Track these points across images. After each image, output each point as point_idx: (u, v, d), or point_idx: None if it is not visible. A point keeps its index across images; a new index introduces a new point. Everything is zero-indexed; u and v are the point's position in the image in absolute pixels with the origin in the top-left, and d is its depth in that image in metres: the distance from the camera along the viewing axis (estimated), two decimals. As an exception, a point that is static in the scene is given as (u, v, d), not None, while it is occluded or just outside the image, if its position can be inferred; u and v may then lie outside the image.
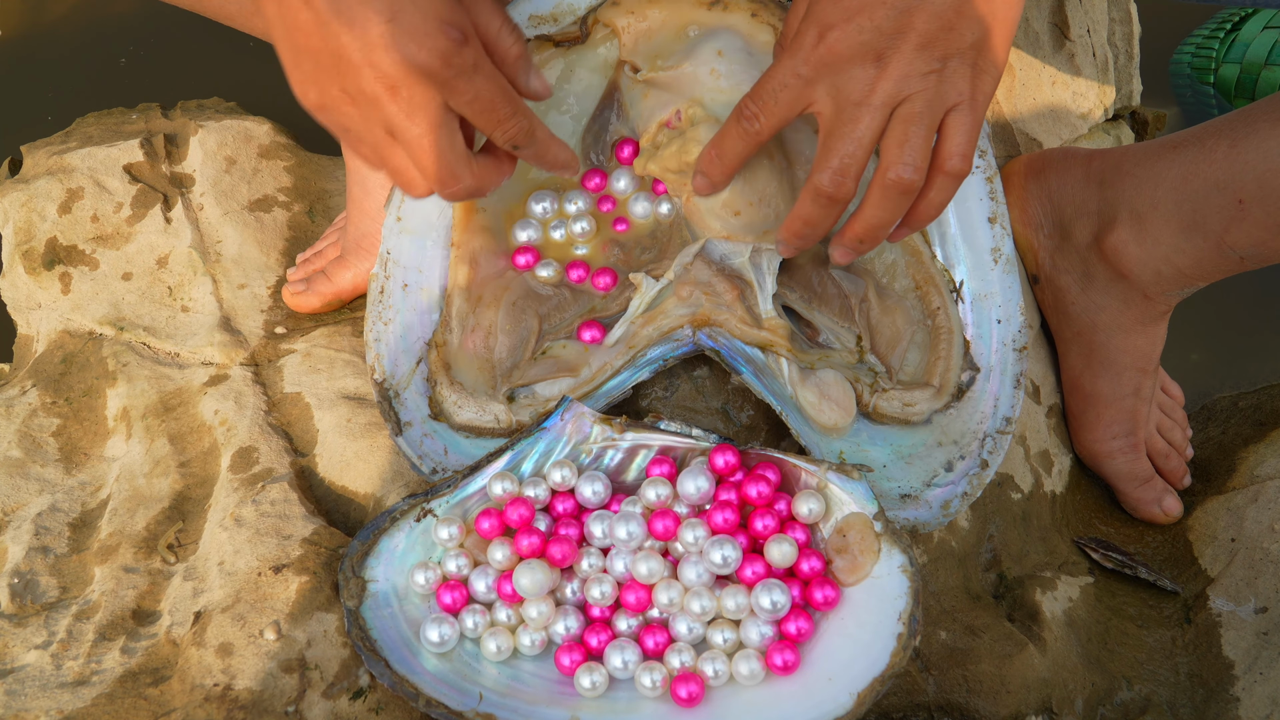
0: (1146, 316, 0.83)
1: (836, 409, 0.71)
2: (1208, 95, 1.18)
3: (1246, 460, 0.89)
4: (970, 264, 0.75)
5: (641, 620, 0.65)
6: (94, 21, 1.22)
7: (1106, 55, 0.97)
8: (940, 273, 0.75)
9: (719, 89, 0.72)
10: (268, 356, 0.83)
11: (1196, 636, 0.79)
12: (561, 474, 0.67)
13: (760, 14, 0.73)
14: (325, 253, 0.87)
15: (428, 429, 0.71)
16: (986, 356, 0.74)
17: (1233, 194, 0.74)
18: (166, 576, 0.71)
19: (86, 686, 0.65)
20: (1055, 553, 0.82)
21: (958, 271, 0.75)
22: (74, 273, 0.87)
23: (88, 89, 1.17)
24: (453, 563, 0.66)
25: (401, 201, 0.74)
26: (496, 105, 0.60)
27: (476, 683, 0.63)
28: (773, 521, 0.65)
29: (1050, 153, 0.86)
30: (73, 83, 1.18)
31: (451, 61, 0.57)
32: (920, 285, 0.75)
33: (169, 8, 0.81)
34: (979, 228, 0.75)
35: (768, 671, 0.63)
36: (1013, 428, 0.72)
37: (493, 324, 0.73)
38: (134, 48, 1.19)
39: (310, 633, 0.65)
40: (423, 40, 0.56)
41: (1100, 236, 0.82)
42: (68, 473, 0.79)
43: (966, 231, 0.76)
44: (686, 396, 0.74)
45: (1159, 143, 0.80)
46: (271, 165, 0.95)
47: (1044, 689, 0.72)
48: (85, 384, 0.83)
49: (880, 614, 0.62)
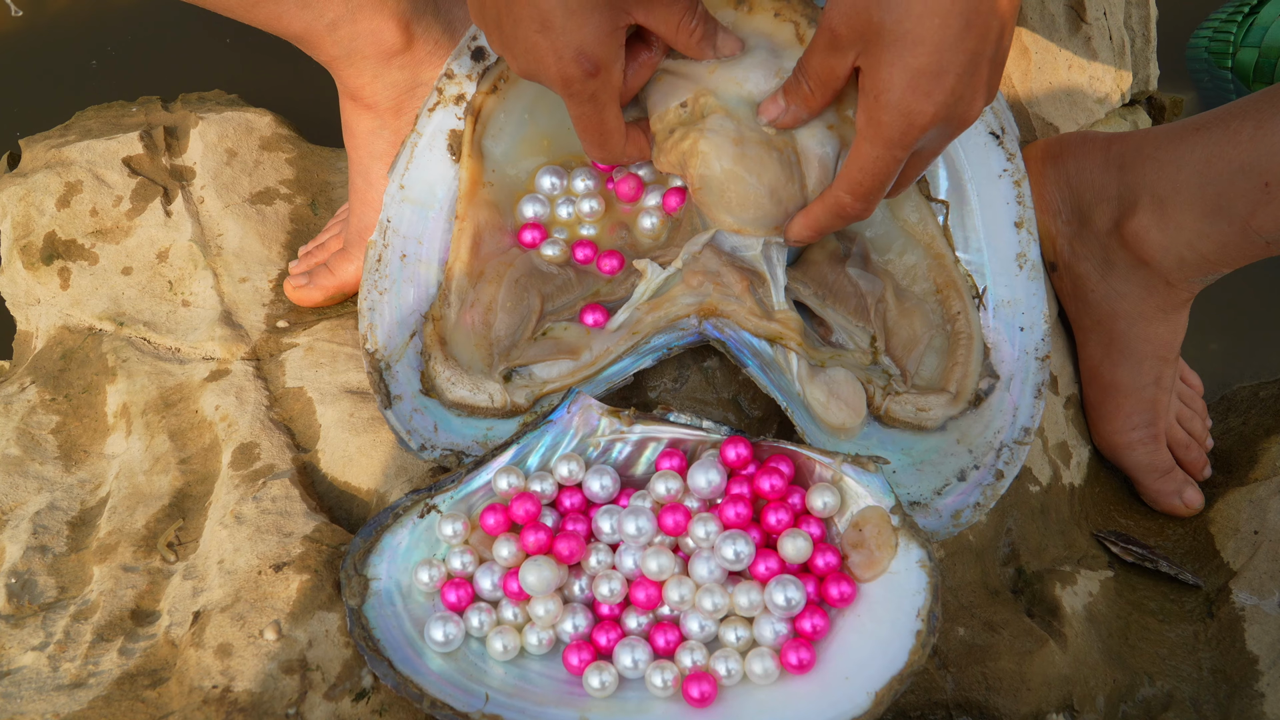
0: (1168, 304, 0.82)
1: (845, 409, 0.69)
2: (1225, 80, 1.17)
3: (1269, 451, 0.88)
4: (994, 269, 0.75)
5: (652, 618, 0.64)
6: (96, 14, 1.21)
7: (1123, 39, 0.96)
8: (963, 277, 0.74)
9: (734, 81, 0.71)
10: (269, 351, 0.82)
11: (1219, 631, 0.79)
12: (569, 468, 0.66)
13: (784, 12, 0.72)
14: (328, 245, 0.86)
15: (418, 404, 0.71)
16: (1008, 364, 0.73)
17: (1259, 177, 0.73)
18: (166, 575, 0.71)
19: (83, 689, 0.65)
20: (1074, 546, 0.81)
21: (981, 276, 0.74)
22: (73, 267, 0.86)
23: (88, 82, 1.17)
24: (457, 560, 0.65)
25: (406, 169, 0.74)
26: (589, 133, 0.67)
27: (482, 683, 0.62)
28: (786, 516, 0.64)
29: (1068, 137, 0.85)
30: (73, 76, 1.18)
31: (571, 87, 0.64)
32: (941, 289, 0.74)
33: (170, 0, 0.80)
34: (1005, 232, 0.75)
35: (782, 670, 0.62)
36: (1031, 438, 0.71)
37: (493, 300, 0.72)
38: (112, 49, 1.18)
39: (311, 633, 0.64)
40: (558, 61, 0.62)
41: (1121, 222, 0.81)
42: (67, 470, 0.78)
43: (991, 236, 0.75)
44: (697, 388, 0.73)
45: (1180, 125, 0.79)
46: (273, 157, 0.94)
47: (1065, 686, 0.71)
48: (85, 380, 0.83)
49: (898, 610, 0.61)
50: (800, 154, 0.71)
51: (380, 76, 0.77)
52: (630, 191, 0.75)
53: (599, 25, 0.62)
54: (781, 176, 0.70)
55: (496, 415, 0.71)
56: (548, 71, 0.63)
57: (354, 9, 0.74)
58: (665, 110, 0.72)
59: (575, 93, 0.64)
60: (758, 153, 0.69)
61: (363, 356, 0.72)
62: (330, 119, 0.87)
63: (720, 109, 0.70)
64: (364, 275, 0.72)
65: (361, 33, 0.75)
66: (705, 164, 0.68)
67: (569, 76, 0.63)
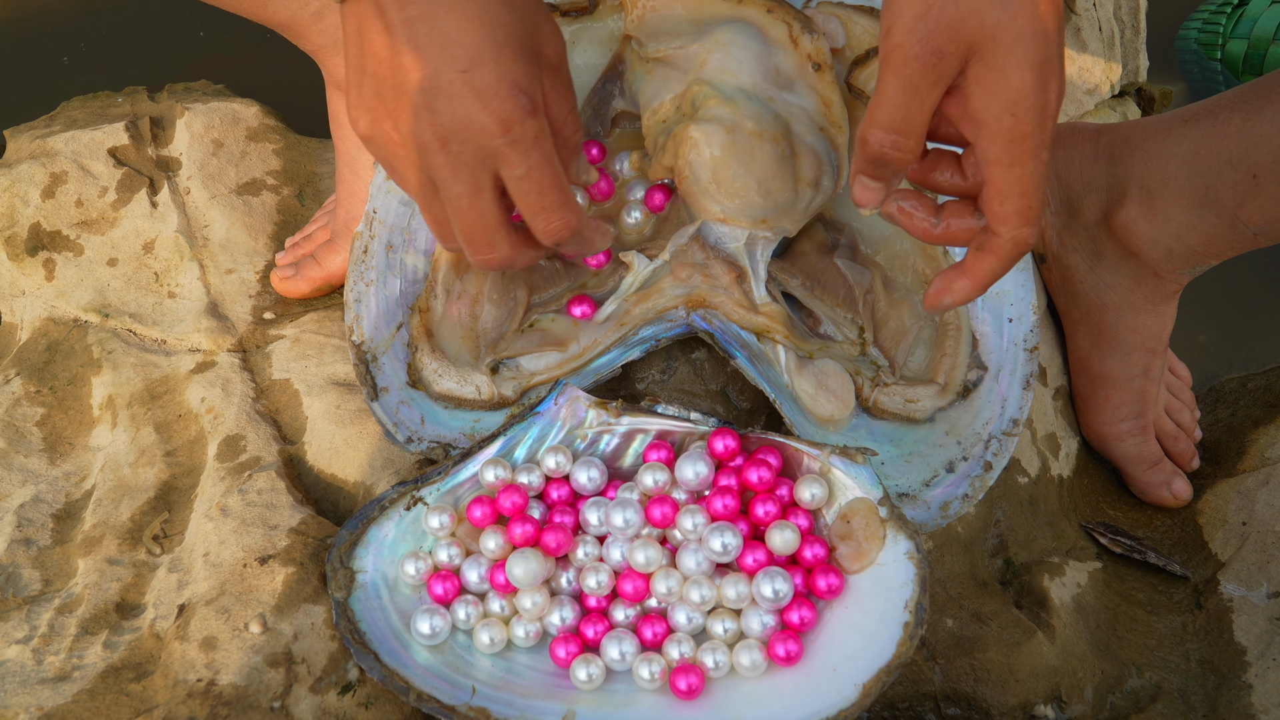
0: (1156, 295, 0.82)
1: (834, 400, 0.69)
2: (1215, 71, 1.17)
3: (1257, 442, 0.88)
4: None
5: (639, 610, 0.64)
6: (82, 3, 1.20)
7: (1113, 29, 0.96)
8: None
9: (727, 71, 0.70)
10: (256, 342, 0.82)
11: (1208, 622, 0.79)
12: (556, 460, 0.66)
13: (776, 10, 0.71)
14: (315, 236, 0.85)
15: (404, 396, 0.70)
16: (996, 356, 0.73)
17: (1247, 169, 0.73)
18: (151, 568, 0.70)
19: (68, 682, 0.64)
20: (1063, 538, 0.81)
21: None
22: (58, 259, 0.86)
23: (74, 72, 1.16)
24: (444, 552, 0.65)
25: None
26: (545, 190, 0.57)
27: (469, 676, 0.62)
28: (774, 507, 0.64)
29: (1057, 128, 0.85)
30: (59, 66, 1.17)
31: (512, 129, 0.54)
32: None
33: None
34: None
35: (770, 662, 0.62)
36: (1019, 430, 0.71)
37: (480, 292, 0.72)
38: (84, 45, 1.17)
39: (297, 625, 0.64)
40: (489, 99, 0.54)
41: (1109, 213, 0.81)
42: (52, 463, 0.78)
43: None
44: (685, 379, 0.73)
45: (1169, 116, 0.79)
46: (260, 148, 0.93)
47: (1053, 677, 0.71)
48: (70, 372, 0.82)
49: (886, 602, 0.61)
50: (795, 147, 0.71)
51: None
52: (605, 190, 0.74)
53: (527, 63, 0.55)
54: (772, 169, 0.69)
55: (484, 407, 0.70)
56: (473, 121, 0.54)
57: None
58: (659, 104, 0.71)
59: (518, 138, 0.54)
60: (749, 143, 0.68)
61: (349, 349, 0.71)
62: (318, 109, 0.86)
63: (715, 97, 0.70)
64: (350, 266, 0.72)
65: None
66: (695, 150, 0.68)
67: (508, 117, 0.54)
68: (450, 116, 0.54)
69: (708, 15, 0.72)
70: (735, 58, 0.70)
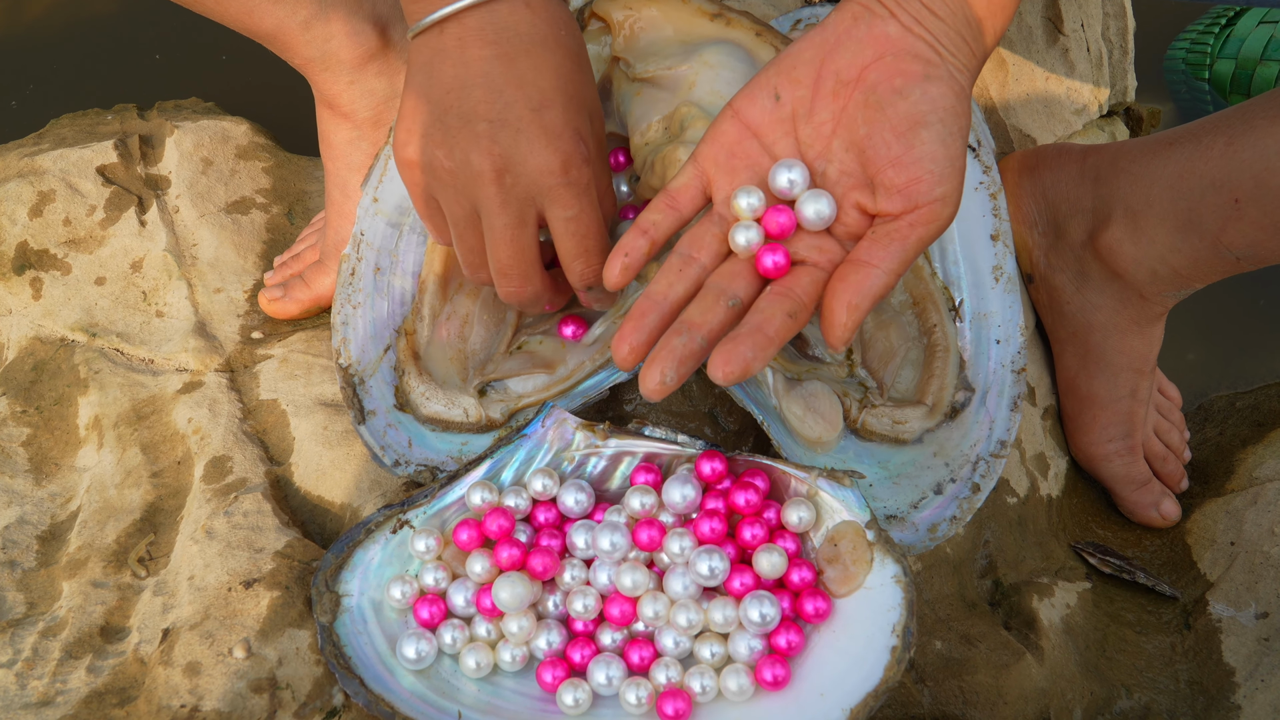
0: (1143, 317, 0.82)
1: (822, 422, 0.69)
2: (1202, 91, 1.17)
3: (1245, 462, 0.88)
4: (970, 282, 0.75)
5: (626, 634, 0.64)
6: (72, 21, 1.20)
7: (1101, 50, 0.96)
8: (939, 290, 0.74)
9: (716, 93, 0.70)
10: (244, 362, 0.81)
11: (1196, 643, 0.78)
12: (543, 483, 0.65)
13: (764, 34, 0.71)
14: (303, 256, 0.85)
15: (392, 419, 0.70)
16: (984, 377, 0.73)
17: (1229, 193, 0.73)
18: (136, 591, 0.70)
19: (51, 707, 0.64)
20: (1052, 558, 0.81)
21: (957, 289, 0.74)
22: (45, 277, 0.85)
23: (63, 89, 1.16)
24: (430, 576, 0.64)
25: (379, 182, 0.73)
26: (590, 234, 0.59)
27: (455, 700, 0.62)
28: (761, 531, 0.63)
29: (1044, 149, 0.85)
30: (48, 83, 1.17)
31: (570, 170, 0.57)
32: (918, 301, 0.74)
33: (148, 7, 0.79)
34: (981, 245, 0.75)
35: (757, 687, 0.61)
36: (1007, 452, 0.71)
37: (469, 313, 0.72)
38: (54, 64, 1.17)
39: (281, 650, 0.64)
40: (555, 139, 0.56)
41: (1095, 234, 0.81)
42: (37, 484, 0.77)
43: (968, 248, 0.75)
44: (672, 400, 0.73)
45: (1154, 139, 0.79)
46: (249, 166, 0.93)
47: (1042, 699, 0.71)
48: (56, 392, 0.82)
49: (873, 626, 0.61)
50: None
51: (357, 83, 0.76)
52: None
53: (587, 121, 0.58)
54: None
55: (471, 430, 0.70)
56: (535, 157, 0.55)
57: (327, 7, 0.73)
58: (647, 126, 0.71)
59: (574, 180, 0.57)
60: None
61: (336, 371, 0.71)
62: (307, 128, 0.86)
63: (703, 118, 0.70)
64: (337, 289, 0.72)
65: (336, 33, 0.74)
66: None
67: (570, 159, 0.56)
68: (513, 149, 0.56)
69: (696, 36, 0.72)
70: (724, 79, 0.70)
